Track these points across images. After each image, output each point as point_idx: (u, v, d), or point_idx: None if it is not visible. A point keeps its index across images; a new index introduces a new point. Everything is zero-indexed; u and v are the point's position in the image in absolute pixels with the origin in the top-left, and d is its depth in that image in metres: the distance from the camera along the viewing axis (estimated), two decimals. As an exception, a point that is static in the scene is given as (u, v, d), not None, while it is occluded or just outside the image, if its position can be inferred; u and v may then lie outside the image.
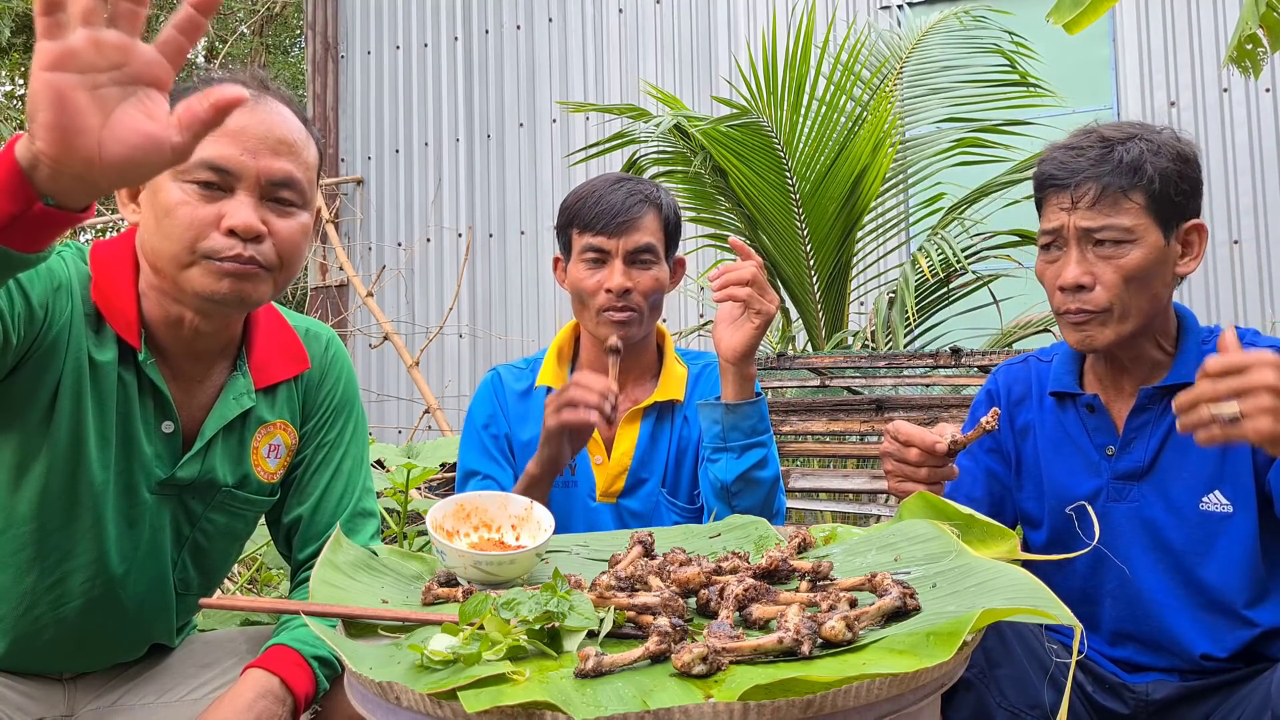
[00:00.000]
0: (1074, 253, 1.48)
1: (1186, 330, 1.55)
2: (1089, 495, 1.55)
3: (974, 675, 1.44)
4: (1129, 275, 1.45)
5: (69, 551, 1.32)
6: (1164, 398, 1.51)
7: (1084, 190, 1.46)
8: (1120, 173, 1.45)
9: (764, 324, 1.63)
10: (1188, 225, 1.50)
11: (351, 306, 7.14)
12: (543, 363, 1.88)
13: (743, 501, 1.66)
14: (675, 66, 6.96)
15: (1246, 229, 5.78)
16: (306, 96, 7.90)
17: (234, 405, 1.39)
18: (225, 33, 12.75)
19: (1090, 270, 1.46)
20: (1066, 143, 1.53)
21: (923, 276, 4.09)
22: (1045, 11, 3.22)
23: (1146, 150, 1.46)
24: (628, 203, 1.76)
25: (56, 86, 0.80)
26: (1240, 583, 1.47)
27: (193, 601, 1.49)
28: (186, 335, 1.33)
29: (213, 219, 1.24)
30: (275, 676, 1.29)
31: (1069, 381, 1.60)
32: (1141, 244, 1.45)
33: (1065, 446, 1.60)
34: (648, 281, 1.77)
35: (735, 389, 1.66)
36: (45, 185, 0.85)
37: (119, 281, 1.32)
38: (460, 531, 1.26)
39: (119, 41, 0.82)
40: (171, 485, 1.36)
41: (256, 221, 1.25)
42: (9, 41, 11.20)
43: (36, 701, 1.39)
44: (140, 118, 0.84)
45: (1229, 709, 1.44)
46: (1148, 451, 1.53)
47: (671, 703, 0.76)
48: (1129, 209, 1.45)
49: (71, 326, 1.27)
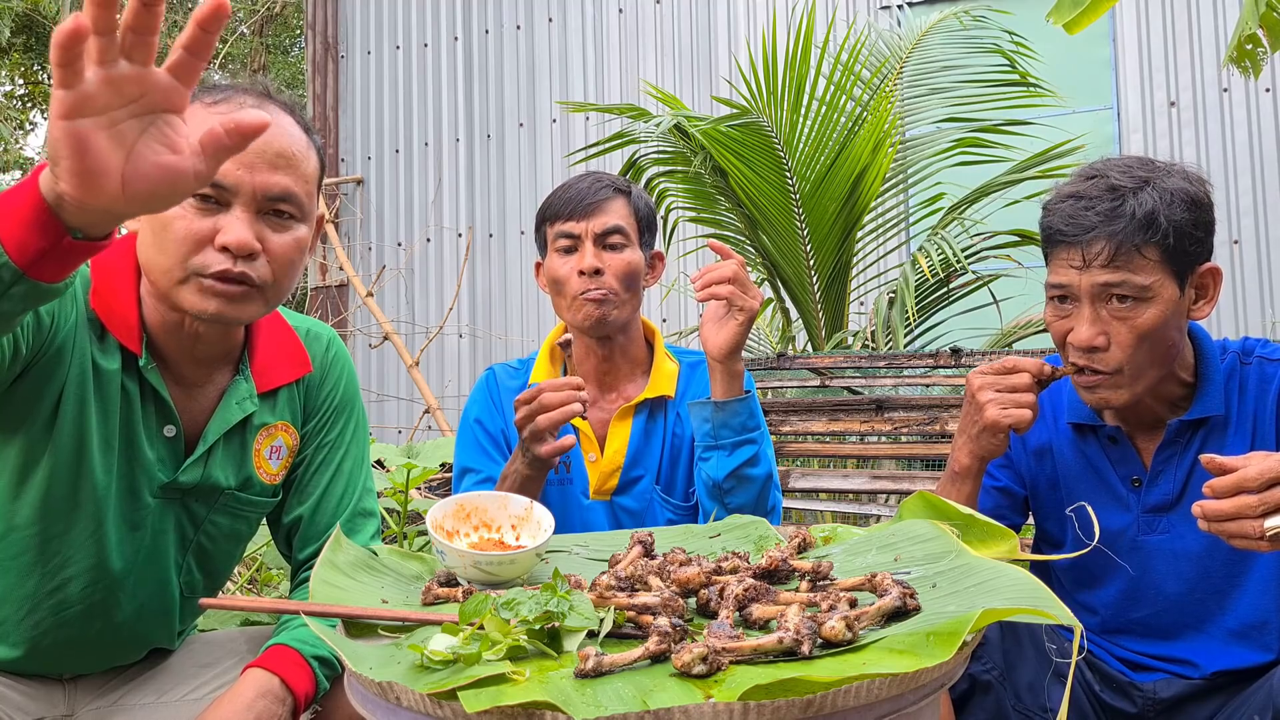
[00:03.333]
0: (1087, 311, 1.42)
1: (1206, 357, 1.51)
2: (1119, 529, 1.53)
3: (994, 677, 1.43)
4: (1144, 334, 1.40)
5: (70, 556, 1.32)
6: (1190, 429, 1.49)
7: (1096, 249, 1.39)
8: (1134, 229, 1.38)
9: (748, 321, 1.64)
10: (1202, 270, 1.45)
11: (351, 306, 7.14)
12: (535, 362, 1.89)
13: (735, 499, 1.66)
14: (675, 66, 6.96)
15: (1246, 229, 5.78)
16: (306, 96, 7.90)
17: (236, 410, 1.39)
18: (225, 33, 12.76)
19: (1104, 330, 1.41)
20: (1073, 190, 1.45)
21: (923, 276, 4.09)
22: (1045, 11, 3.22)
23: (1159, 202, 1.38)
24: (594, 188, 1.80)
25: (76, 133, 0.80)
26: (1271, 609, 1.46)
27: (195, 603, 1.49)
28: (187, 341, 1.33)
29: (208, 234, 1.23)
30: (275, 676, 1.29)
31: (1086, 413, 1.56)
32: (1157, 300, 1.40)
33: (1089, 476, 1.57)
34: (619, 264, 1.78)
35: (724, 386, 1.67)
36: (72, 220, 0.86)
37: (120, 287, 1.31)
38: (460, 531, 1.26)
39: (134, 74, 0.81)
40: (174, 489, 1.36)
41: (251, 239, 1.23)
42: (9, 41, 11.20)
43: (37, 702, 1.39)
44: (162, 150, 0.84)
45: (1235, 707, 1.44)
46: (1176, 483, 1.50)
47: (671, 703, 0.76)
48: (1143, 265, 1.39)
49: (76, 332, 1.27)
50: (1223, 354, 1.53)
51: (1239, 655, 1.48)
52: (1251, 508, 1.13)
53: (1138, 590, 1.53)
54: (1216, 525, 1.16)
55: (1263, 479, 1.13)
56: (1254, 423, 1.48)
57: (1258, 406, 1.48)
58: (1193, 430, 1.50)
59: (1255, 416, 1.48)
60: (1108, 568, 1.54)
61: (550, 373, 1.86)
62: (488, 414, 1.87)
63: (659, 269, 1.91)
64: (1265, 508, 1.12)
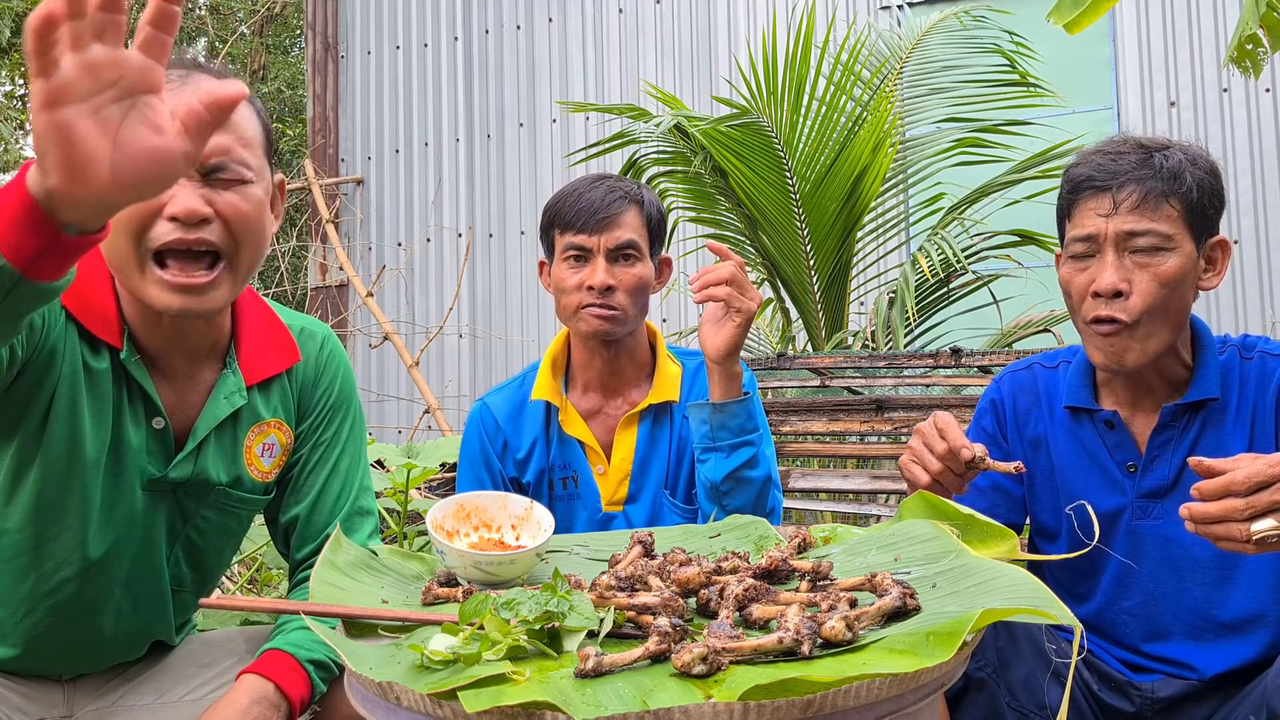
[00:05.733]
0: (1110, 256, 1.45)
1: (1202, 343, 1.53)
2: (1114, 513, 1.54)
3: (988, 675, 1.43)
4: (1166, 282, 1.43)
5: (65, 557, 1.31)
6: (1186, 413, 1.50)
7: (1127, 193, 1.43)
8: (1162, 178, 1.43)
9: (745, 322, 1.63)
10: (1213, 240, 1.49)
11: (351, 306, 7.14)
12: (537, 375, 1.87)
13: (733, 501, 1.65)
14: (675, 66, 6.96)
15: (1246, 229, 5.78)
16: (307, 96, 7.90)
17: (225, 405, 1.38)
18: (225, 33, 12.75)
19: (1127, 277, 1.44)
20: (1100, 148, 1.51)
21: (923, 276, 4.09)
22: (1045, 11, 3.22)
23: (1185, 159, 1.45)
24: (608, 199, 1.76)
25: (60, 122, 0.79)
26: (1265, 601, 1.46)
27: (188, 599, 1.48)
28: (168, 332, 1.32)
29: (154, 209, 1.21)
30: (270, 682, 1.29)
31: (1085, 396, 1.58)
32: (1179, 252, 1.44)
33: (1084, 462, 1.58)
34: (630, 279, 1.75)
35: (722, 388, 1.66)
36: (65, 216, 0.85)
37: (95, 279, 1.30)
38: (460, 531, 1.26)
39: (108, 57, 0.80)
40: (164, 484, 1.36)
41: (198, 204, 1.21)
42: (9, 41, 11.20)
43: (36, 703, 1.39)
44: (147, 133, 0.83)
45: (1233, 706, 1.44)
46: (1171, 469, 1.51)
47: (671, 703, 0.76)
48: (1169, 215, 1.43)
49: (66, 332, 1.26)
50: (1222, 347, 1.53)
51: (1234, 652, 1.47)
52: (1238, 511, 1.13)
53: (1130, 577, 1.53)
54: (1204, 528, 1.16)
55: (1250, 483, 1.13)
56: (1253, 416, 1.49)
57: (1258, 400, 1.49)
58: (1189, 416, 1.50)
59: (1255, 409, 1.49)
60: (1101, 553, 1.54)
61: (553, 384, 1.84)
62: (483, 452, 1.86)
63: (666, 275, 1.89)
64: (1252, 511, 1.12)
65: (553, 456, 1.84)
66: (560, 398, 1.84)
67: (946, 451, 1.34)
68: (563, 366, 1.88)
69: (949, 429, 1.35)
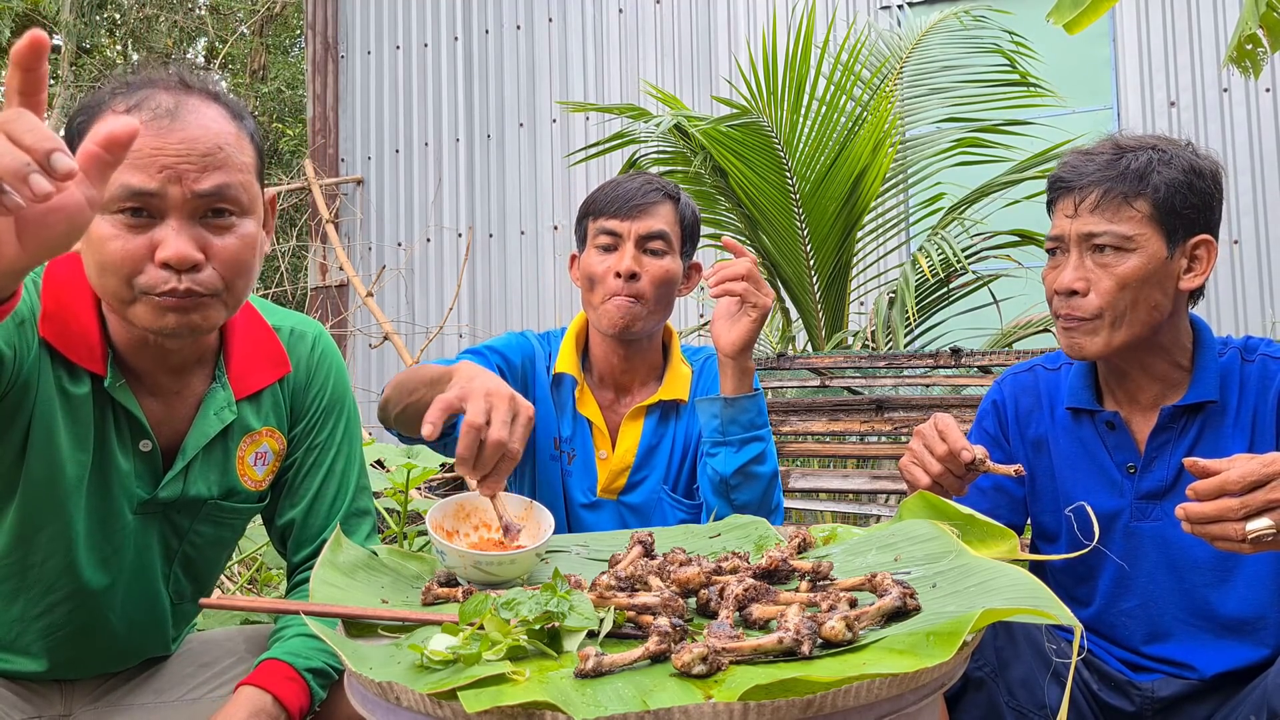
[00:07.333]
0: (1072, 257, 1.49)
1: (1203, 345, 1.53)
2: (1112, 514, 1.54)
3: (986, 674, 1.43)
4: (1125, 283, 1.45)
5: (53, 582, 1.30)
6: (1185, 415, 1.51)
7: (1086, 193, 1.47)
8: (1125, 179, 1.45)
9: (761, 317, 1.65)
10: (1195, 240, 1.48)
11: (351, 306, 7.14)
12: (560, 346, 1.88)
13: (741, 495, 1.66)
14: (675, 66, 6.96)
15: (1246, 229, 5.78)
16: (306, 96, 7.90)
17: (214, 421, 1.34)
18: (225, 33, 12.76)
19: (1085, 276, 1.47)
20: (1082, 149, 1.54)
21: (923, 276, 4.09)
22: (1045, 11, 3.22)
23: (1156, 160, 1.46)
24: (644, 189, 1.79)
25: None
26: (1265, 601, 1.46)
27: (189, 607, 1.48)
28: (156, 353, 1.28)
29: (145, 250, 1.16)
30: (268, 694, 1.28)
31: (1086, 397, 1.58)
32: (1140, 253, 1.45)
33: (1084, 463, 1.58)
34: (658, 270, 1.77)
35: (734, 383, 1.67)
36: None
37: (78, 308, 1.25)
38: (460, 531, 1.26)
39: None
40: (154, 505, 1.33)
41: (190, 250, 1.16)
42: (9, 41, 11.21)
43: (33, 702, 1.39)
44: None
45: (1232, 707, 1.44)
46: (1170, 470, 1.51)
47: (671, 703, 0.76)
48: (1131, 216, 1.45)
49: (40, 361, 1.23)
50: (1223, 349, 1.54)
51: (1235, 653, 1.47)
52: (1233, 510, 1.13)
53: (1129, 578, 1.53)
54: (1199, 528, 1.16)
55: (1245, 482, 1.13)
56: (1254, 418, 1.49)
57: (1258, 402, 1.49)
58: (1188, 418, 1.51)
59: (1255, 412, 1.49)
60: (1099, 555, 1.54)
61: (573, 360, 1.86)
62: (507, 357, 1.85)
63: (694, 280, 1.90)
64: (1247, 510, 1.13)
65: (563, 428, 1.84)
66: (580, 374, 1.86)
67: (946, 453, 1.34)
68: (582, 347, 1.89)
69: (949, 431, 1.36)
